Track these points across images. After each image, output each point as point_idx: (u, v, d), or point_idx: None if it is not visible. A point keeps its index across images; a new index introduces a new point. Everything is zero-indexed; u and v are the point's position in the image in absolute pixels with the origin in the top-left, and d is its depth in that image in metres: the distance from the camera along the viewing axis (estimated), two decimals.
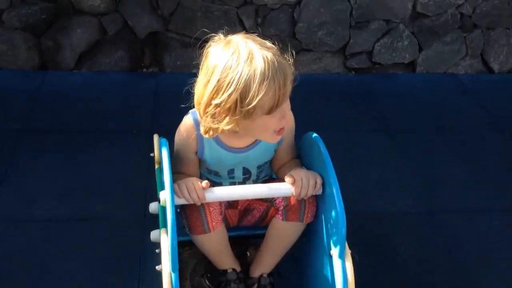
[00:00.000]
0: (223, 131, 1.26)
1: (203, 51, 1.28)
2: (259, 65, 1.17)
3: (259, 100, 1.18)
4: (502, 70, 3.09)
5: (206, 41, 1.29)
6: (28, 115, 2.46)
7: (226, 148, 1.38)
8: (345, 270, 1.27)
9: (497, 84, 3.02)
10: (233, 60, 1.18)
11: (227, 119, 1.22)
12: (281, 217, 1.42)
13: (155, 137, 1.57)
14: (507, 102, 2.86)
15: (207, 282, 1.62)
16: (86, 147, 2.30)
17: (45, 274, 1.74)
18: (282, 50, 1.27)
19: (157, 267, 1.25)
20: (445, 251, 1.95)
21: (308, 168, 1.41)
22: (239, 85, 1.17)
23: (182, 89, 1.30)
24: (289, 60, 1.26)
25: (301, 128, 1.42)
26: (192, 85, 1.30)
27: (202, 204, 1.32)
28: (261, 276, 1.49)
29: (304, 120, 1.35)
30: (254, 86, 1.17)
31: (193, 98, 1.29)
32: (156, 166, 1.51)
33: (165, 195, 1.22)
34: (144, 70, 2.82)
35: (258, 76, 1.17)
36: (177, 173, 1.38)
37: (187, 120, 1.38)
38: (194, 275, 1.68)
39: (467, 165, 2.39)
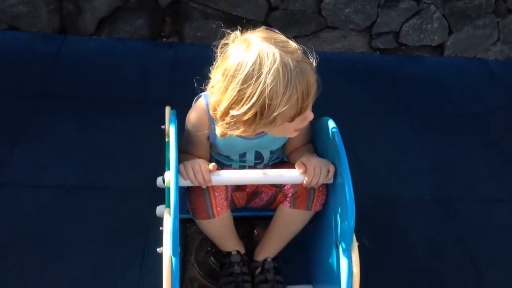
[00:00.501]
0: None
1: (220, 45, 1.22)
2: (282, 77, 1.10)
3: (280, 113, 1.12)
4: None
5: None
6: (46, 80, 2.44)
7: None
8: (351, 263, 1.23)
9: None
10: (255, 70, 1.11)
11: (244, 127, 1.17)
12: (289, 204, 1.39)
13: (167, 110, 1.55)
14: None
15: (212, 259, 1.62)
16: (100, 115, 2.28)
17: (53, 240, 1.75)
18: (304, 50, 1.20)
19: (158, 249, 1.24)
20: (457, 240, 1.91)
21: (321, 154, 1.37)
22: (260, 99, 1.11)
23: (201, 61, 1.26)
24: (312, 62, 1.19)
25: (319, 108, 1.36)
26: (206, 81, 1.25)
27: (207, 188, 1.29)
28: (265, 260, 1.48)
29: (324, 99, 1.28)
30: (276, 100, 1.11)
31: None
32: (167, 139, 1.48)
33: (169, 176, 1.20)
34: (164, 39, 2.77)
35: (280, 90, 1.10)
36: (185, 153, 1.35)
37: (199, 105, 1.33)
38: (199, 250, 1.69)
39: (489, 153, 2.32)
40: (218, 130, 1.22)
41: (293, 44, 1.17)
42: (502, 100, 2.66)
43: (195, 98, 1.36)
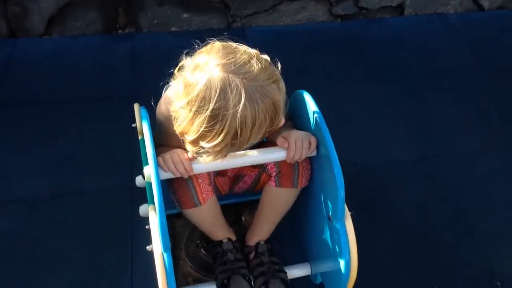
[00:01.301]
0: None
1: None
2: (249, 110, 1.06)
3: (251, 140, 1.11)
4: (492, 6, 2.97)
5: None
6: (0, 87, 2.32)
7: None
8: (346, 234, 1.20)
9: (486, 21, 2.91)
10: (220, 107, 1.06)
11: (215, 155, 1.14)
12: (274, 184, 1.35)
13: (136, 107, 1.49)
14: (497, 40, 2.76)
15: (203, 252, 1.57)
16: (64, 118, 2.18)
17: (35, 256, 1.68)
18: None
19: (148, 247, 1.18)
20: (443, 198, 1.92)
21: (300, 128, 1.33)
22: (229, 134, 1.08)
23: (161, 50, 1.20)
24: (276, 68, 1.16)
25: (287, 83, 1.32)
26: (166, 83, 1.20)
27: (189, 176, 1.24)
28: (258, 243, 1.44)
29: (291, 74, 1.24)
30: (246, 133, 1.08)
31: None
32: (140, 137, 1.43)
33: (149, 171, 1.14)
34: (120, 31, 2.66)
35: (248, 122, 1.07)
36: (161, 146, 1.29)
37: (169, 96, 1.26)
38: (189, 245, 1.64)
39: (460, 108, 2.32)
40: (189, 149, 1.18)
41: (254, 64, 1.10)
42: (467, 53, 2.67)
43: (164, 88, 1.30)
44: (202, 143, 1.10)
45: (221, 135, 1.07)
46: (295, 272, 1.45)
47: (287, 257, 1.50)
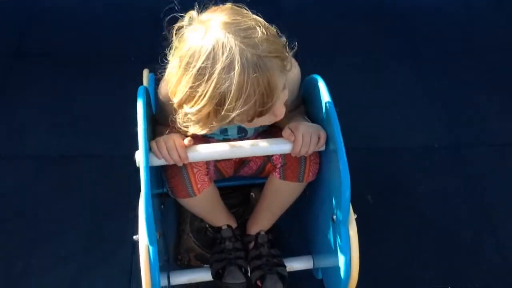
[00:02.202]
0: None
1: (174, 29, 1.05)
2: (236, 78, 0.93)
3: (235, 115, 0.97)
4: None
5: None
6: (18, 39, 2.27)
7: None
8: (348, 240, 1.12)
9: None
10: (207, 66, 0.94)
11: (197, 126, 1.02)
12: (278, 175, 1.26)
13: (145, 73, 1.41)
14: None
15: (208, 227, 1.52)
16: (80, 76, 2.13)
17: (38, 216, 1.66)
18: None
19: (134, 236, 1.12)
20: (469, 189, 1.80)
21: (312, 117, 1.23)
22: (212, 100, 0.95)
23: (185, 8, 1.09)
24: (290, 49, 1.04)
25: (318, 54, 1.18)
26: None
27: (184, 164, 1.16)
28: (258, 233, 1.37)
29: (318, 45, 1.12)
30: (230, 104, 0.95)
31: None
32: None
33: (139, 157, 1.06)
34: None
35: (234, 93, 0.94)
36: (162, 125, 1.21)
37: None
38: (194, 220, 1.60)
39: (500, 92, 2.16)
40: (177, 120, 1.07)
41: (260, 32, 0.97)
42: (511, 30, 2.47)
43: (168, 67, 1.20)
44: (186, 108, 1.00)
45: (205, 99, 0.96)
46: (297, 265, 1.38)
47: (290, 247, 1.43)
